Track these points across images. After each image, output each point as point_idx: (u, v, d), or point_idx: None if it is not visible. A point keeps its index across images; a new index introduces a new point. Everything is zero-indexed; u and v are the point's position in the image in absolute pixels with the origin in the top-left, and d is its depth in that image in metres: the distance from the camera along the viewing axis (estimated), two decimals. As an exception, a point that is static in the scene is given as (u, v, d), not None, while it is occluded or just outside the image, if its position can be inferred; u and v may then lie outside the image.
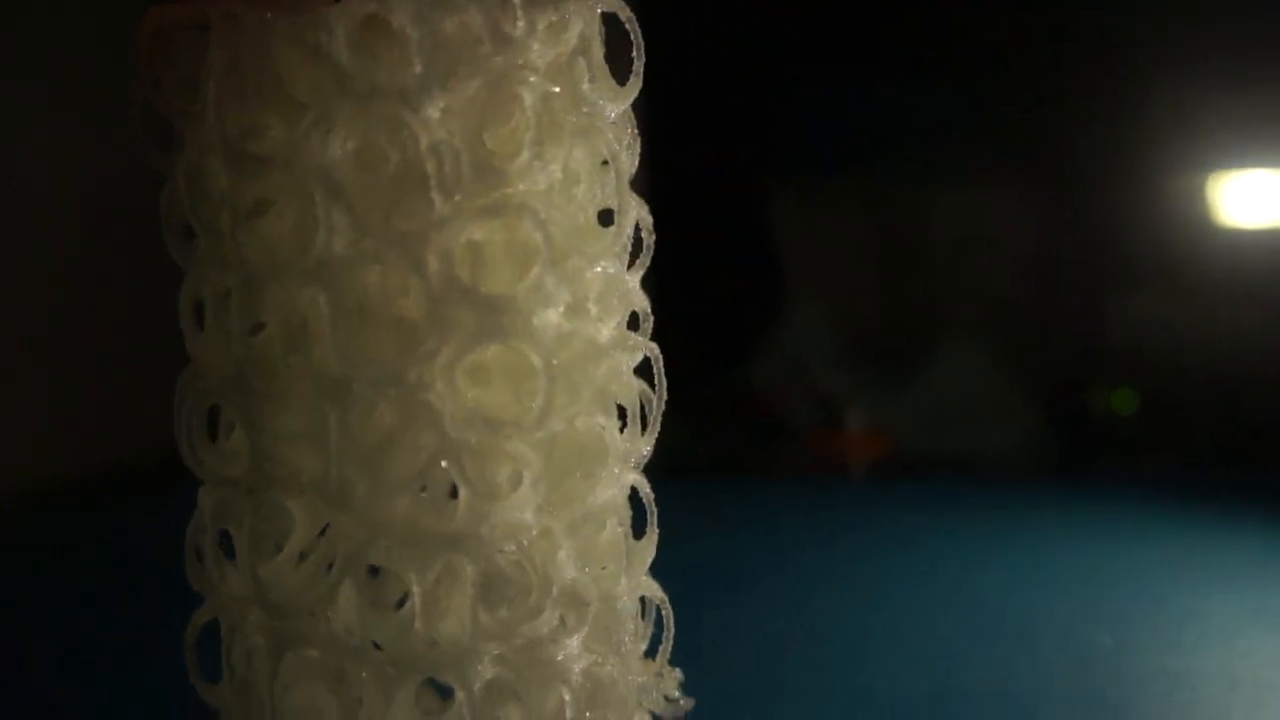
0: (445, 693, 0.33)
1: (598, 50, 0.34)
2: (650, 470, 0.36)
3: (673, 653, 0.37)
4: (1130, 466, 0.90)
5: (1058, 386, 0.96)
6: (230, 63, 0.31)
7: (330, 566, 0.32)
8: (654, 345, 0.36)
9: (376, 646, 0.33)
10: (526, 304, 0.32)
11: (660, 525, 0.36)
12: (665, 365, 0.36)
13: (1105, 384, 0.91)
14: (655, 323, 0.36)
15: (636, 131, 0.35)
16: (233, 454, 0.34)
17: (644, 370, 0.36)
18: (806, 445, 0.96)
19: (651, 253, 0.36)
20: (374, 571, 0.33)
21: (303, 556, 0.33)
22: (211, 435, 0.34)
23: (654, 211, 0.36)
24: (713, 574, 0.63)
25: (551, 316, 0.32)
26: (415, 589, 0.32)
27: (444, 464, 0.31)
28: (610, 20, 0.35)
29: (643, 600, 0.36)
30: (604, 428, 0.34)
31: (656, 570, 0.36)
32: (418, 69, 0.30)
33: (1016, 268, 1.00)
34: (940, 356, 0.98)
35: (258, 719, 0.33)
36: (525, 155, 0.32)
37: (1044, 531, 0.70)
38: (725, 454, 0.95)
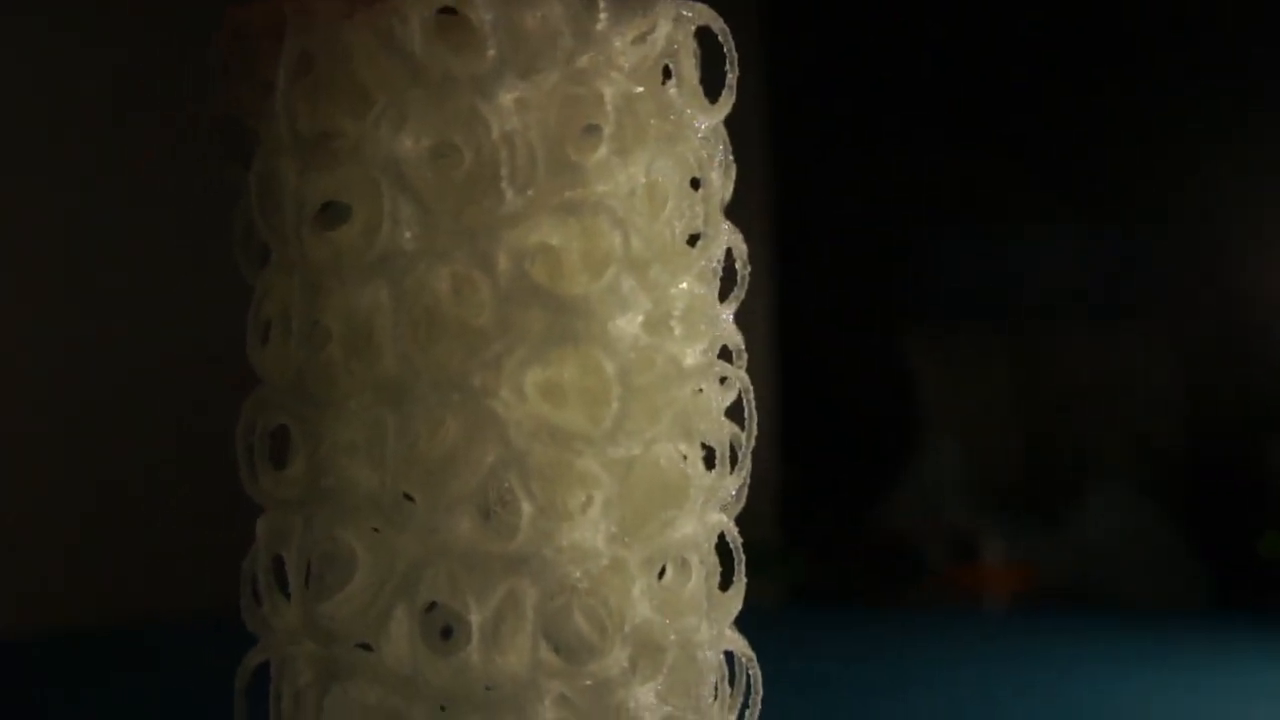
0: None
1: (688, 60, 0.32)
2: (777, 602, 0.33)
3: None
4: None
5: (1209, 525, 0.90)
6: (303, 57, 0.30)
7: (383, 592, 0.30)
8: (744, 376, 0.33)
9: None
10: (601, 307, 0.29)
11: (783, 648, 0.33)
12: (799, 500, 0.33)
13: (1261, 525, 0.86)
14: (788, 463, 0.33)
15: (730, 155, 0.34)
16: (290, 478, 0.32)
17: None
18: (942, 579, 0.91)
19: (746, 285, 0.34)
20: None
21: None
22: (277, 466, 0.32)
23: (788, 348, 0.34)
24: (833, 689, 0.60)
25: (629, 325, 0.30)
26: (474, 618, 0.29)
27: (508, 480, 0.29)
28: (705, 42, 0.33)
29: (730, 660, 0.33)
30: (685, 458, 0.31)
31: (774, 684, 0.33)
32: (491, 53, 0.29)
33: (1159, 406, 0.96)
34: (1084, 492, 0.93)
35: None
36: (604, 151, 0.30)
37: (1188, 666, 0.65)
38: (857, 587, 0.91)
